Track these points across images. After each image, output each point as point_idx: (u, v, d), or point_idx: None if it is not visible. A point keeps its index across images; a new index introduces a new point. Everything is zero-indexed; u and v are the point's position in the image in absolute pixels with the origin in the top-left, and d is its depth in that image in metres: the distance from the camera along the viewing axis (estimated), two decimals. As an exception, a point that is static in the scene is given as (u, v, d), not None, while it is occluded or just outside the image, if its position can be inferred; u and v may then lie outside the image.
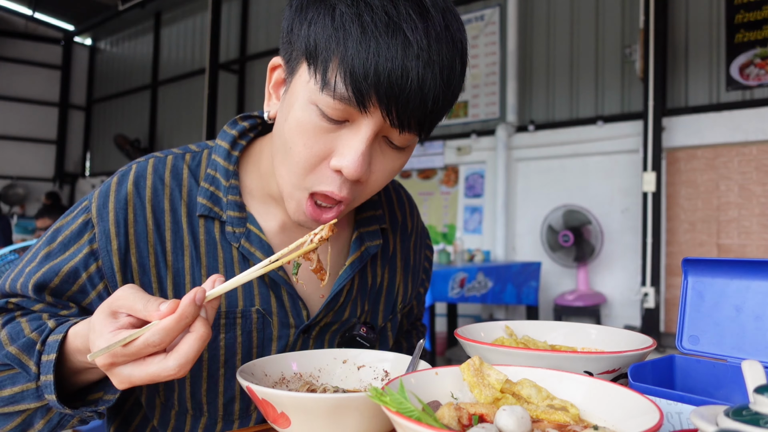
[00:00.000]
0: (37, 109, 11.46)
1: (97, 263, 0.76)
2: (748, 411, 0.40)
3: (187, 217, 0.80)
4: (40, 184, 11.39)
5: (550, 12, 5.71)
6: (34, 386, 0.69)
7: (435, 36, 0.65)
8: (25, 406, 0.70)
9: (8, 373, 0.71)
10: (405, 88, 0.63)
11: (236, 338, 0.79)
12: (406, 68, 0.63)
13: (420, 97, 0.64)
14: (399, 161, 0.74)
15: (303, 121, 0.68)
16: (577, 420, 0.52)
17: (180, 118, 9.82)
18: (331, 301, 0.84)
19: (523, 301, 4.85)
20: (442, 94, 0.66)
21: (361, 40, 0.62)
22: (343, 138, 0.68)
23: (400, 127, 0.67)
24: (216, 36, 8.17)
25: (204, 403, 0.80)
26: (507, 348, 0.64)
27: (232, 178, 0.82)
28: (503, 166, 5.71)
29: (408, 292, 1.00)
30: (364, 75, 0.62)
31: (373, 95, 0.63)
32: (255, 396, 0.60)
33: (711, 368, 0.64)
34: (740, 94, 4.64)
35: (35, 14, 10.75)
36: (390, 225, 0.97)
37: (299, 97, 0.68)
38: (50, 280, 0.75)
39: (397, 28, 0.63)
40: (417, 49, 0.63)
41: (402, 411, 0.44)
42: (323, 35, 0.64)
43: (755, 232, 4.54)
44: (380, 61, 0.62)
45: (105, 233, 0.76)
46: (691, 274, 0.70)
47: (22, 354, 0.69)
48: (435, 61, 0.64)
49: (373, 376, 0.75)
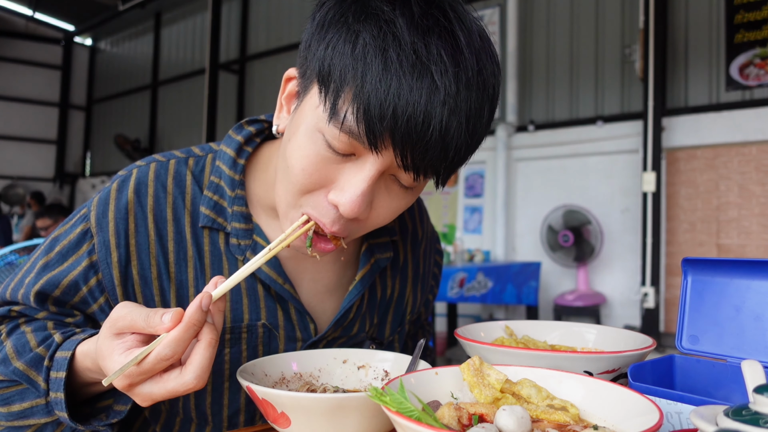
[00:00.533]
0: (37, 109, 11.46)
1: (97, 276, 0.74)
2: (748, 411, 0.40)
3: (191, 227, 0.77)
4: (40, 184, 11.39)
5: (550, 12, 5.71)
6: (44, 402, 0.68)
7: (465, 82, 0.59)
8: (35, 421, 0.69)
9: (16, 389, 0.70)
10: (425, 135, 0.58)
11: (241, 353, 0.78)
12: (428, 115, 0.57)
13: (441, 146, 0.60)
14: (405, 200, 0.68)
15: (306, 147, 0.63)
16: (577, 420, 0.52)
17: (180, 119, 9.82)
18: (341, 317, 0.82)
19: (524, 301, 4.85)
20: (466, 143, 0.61)
21: (382, 77, 0.57)
22: (346, 172, 0.63)
23: (414, 172, 0.62)
24: (216, 36, 8.17)
25: (209, 414, 0.79)
26: (507, 348, 0.64)
27: (238, 188, 0.78)
28: (503, 166, 5.71)
29: (417, 302, 0.98)
30: (381, 116, 0.57)
31: (387, 138, 0.59)
32: (255, 396, 0.60)
33: (711, 368, 0.64)
34: (740, 94, 4.64)
35: (35, 14, 10.75)
36: (400, 235, 0.92)
37: (306, 120, 0.64)
38: (51, 291, 0.73)
39: (425, 69, 0.57)
40: (444, 95, 0.57)
41: (402, 411, 0.44)
42: (340, 62, 0.59)
43: (755, 232, 4.53)
44: (400, 104, 0.57)
45: (105, 244, 0.73)
46: (691, 273, 0.70)
47: (30, 370, 0.68)
48: (462, 109, 0.59)
49: (373, 376, 0.75)
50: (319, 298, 0.83)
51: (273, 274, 0.77)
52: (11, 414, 0.69)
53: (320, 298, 0.83)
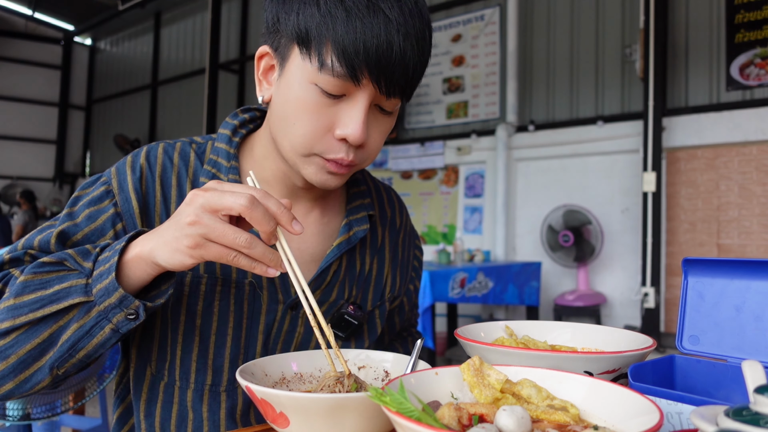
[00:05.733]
0: (37, 109, 11.47)
1: (122, 222, 0.82)
2: (748, 411, 0.40)
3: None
4: (40, 184, 11.39)
5: (550, 12, 5.71)
6: (84, 282, 0.68)
7: (408, 12, 0.73)
8: (67, 302, 0.68)
9: (58, 274, 0.70)
10: (390, 59, 0.72)
11: (229, 306, 0.83)
12: (390, 42, 0.71)
13: (402, 66, 0.73)
14: (388, 123, 0.83)
15: (305, 99, 0.75)
16: (577, 420, 0.52)
17: (180, 118, 9.83)
18: (318, 277, 0.88)
19: (525, 301, 4.85)
20: (419, 61, 0.76)
21: (347, 23, 0.70)
22: (342, 110, 0.76)
23: (388, 93, 0.75)
24: (216, 36, 8.17)
25: (192, 371, 0.82)
26: (507, 348, 0.64)
27: (233, 159, 0.89)
28: (503, 166, 5.71)
29: (396, 284, 1.03)
30: (355, 52, 0.70)
31: (364, 69, 0.71)
32: (254, 396, 0.60)
33: (711, 368, 0.64)
34: (740, 94, 4.64)
35: (35, 14, 10.76)
36: (379, 218, 1.03)
37: (297, 78, 0.75)
38: (74, 232, 0.79)
39: (377, 8, 0.71)
40: (396, 25, 0.71)
41: (402, 411, 0.44)
42: (312, 22, 0.72)
43: (755, 232, 4.54)
44: (367, 39, 0.70)
45: (127, 200, 0.83)
46: (691, 274, 0.70)
47: (77, 255, 0.71)
48: (411, 34, 0.73)
49: (373, 376, 0.75)
50: (303, 266, 0.89)
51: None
52: (42, 299, 0.68)
53: (304, 266, 0.90)
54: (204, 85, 8.28)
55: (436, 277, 3.81)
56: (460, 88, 6.33)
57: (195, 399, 0.83)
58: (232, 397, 0.84)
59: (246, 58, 8.59)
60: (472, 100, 6.23)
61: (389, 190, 1.11)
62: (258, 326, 0.85)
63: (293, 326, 0.87)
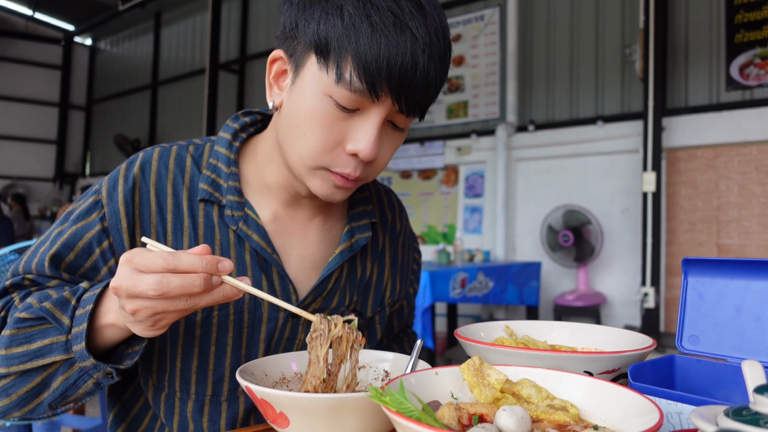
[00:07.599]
0: (37, 109, 11.47)
1: (108, 239, 0.81)
2: (748, 411, 0.40)
3: (188, 201, 0.85)
4: (41, 184, 11.39)
5: (550, 12, 5.71)
6: (64, 339, 0.70)
7: (434, 31, 0.72)
8: (51, 359, 0.71)
9: (39, 328, 0.72)
10: (414, 78, 0.70)
11: (229, 316, 0.83)
12: (415, 61, 0.70)
13: (425, 86, 0.72)
14: (399, 140, 0.82)
15: (318, 110, 0.73)
16: (577, 420, 0.52)
17: (180, 118, 9.83)
18: (320, 285, 0.88)
19: (525, 301, 4.85)
20: (441, 81, 0.75)
21: (372, 38, 0.68)
22: (355, 125, 0.74)
23: (408, 112, 0.74)
24: (216, 36, 8.17)
25: (193, 382, 0.82)
26: (507, 348, 0.64)
27: (233, 165, 0.87)
28: (503, 166, 5.71)
29: (396, 288, 1.02)
30: (377, 69, 0.69)
31: (384, 86, 0.70)
32: (254, 396, 0.60)
33: (711, 368, 0.64)
34: (740, 94, 4.64)
35: (35, 14, 10.76)
36: (380, 223, 1.02)
37: (311, 88, 0.73)
38: (65, 255, 0.79)
39: (404, 25, 0.69)
40: (422, 44, 0.70)
41: (402, 411, 0.44)
42: (334, 33, 0.70)
43: (755, 232, 4.54)
44: (391, 56, 0.68)
45: (115, 213, 0.81)
46: (691, 274, 0.70)
47: (56, 309, 0.72)
48: (435, 54, 0.72)
49: (373, 376, 0.75)
50: (304, 273, 0.89)
51: (263, 243, 0.85)
52: (28, 353, 0.71)
53: (305, 273, 0.89)
54: (204, 85, 8.28)
55: (437, 277, 3.81)
56: (460, 88, 6.33)
57: (195, 410, 0.83)
58: (233, 406, 0.83)
59: (246, 58, 8.59)
60: (472, 100, 6.23)
61: (389, 192, 1.10)
62: (259, 335, 0.84)
63: (294, 333, 0.87)
